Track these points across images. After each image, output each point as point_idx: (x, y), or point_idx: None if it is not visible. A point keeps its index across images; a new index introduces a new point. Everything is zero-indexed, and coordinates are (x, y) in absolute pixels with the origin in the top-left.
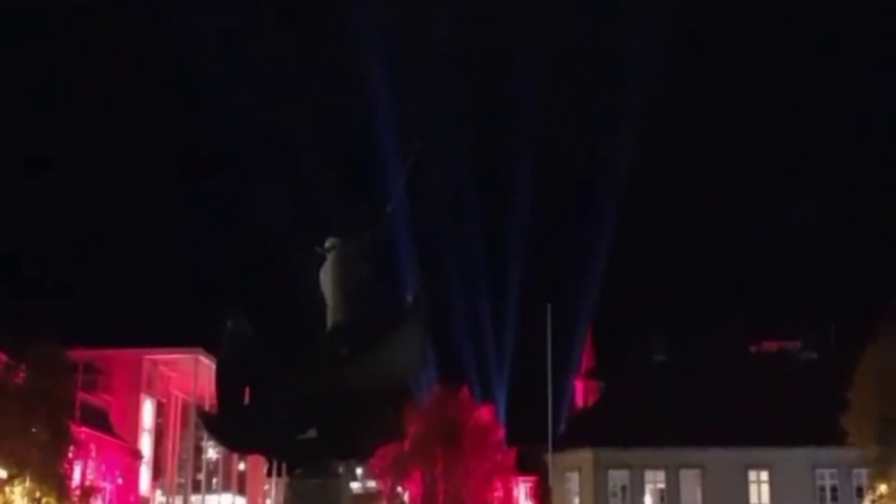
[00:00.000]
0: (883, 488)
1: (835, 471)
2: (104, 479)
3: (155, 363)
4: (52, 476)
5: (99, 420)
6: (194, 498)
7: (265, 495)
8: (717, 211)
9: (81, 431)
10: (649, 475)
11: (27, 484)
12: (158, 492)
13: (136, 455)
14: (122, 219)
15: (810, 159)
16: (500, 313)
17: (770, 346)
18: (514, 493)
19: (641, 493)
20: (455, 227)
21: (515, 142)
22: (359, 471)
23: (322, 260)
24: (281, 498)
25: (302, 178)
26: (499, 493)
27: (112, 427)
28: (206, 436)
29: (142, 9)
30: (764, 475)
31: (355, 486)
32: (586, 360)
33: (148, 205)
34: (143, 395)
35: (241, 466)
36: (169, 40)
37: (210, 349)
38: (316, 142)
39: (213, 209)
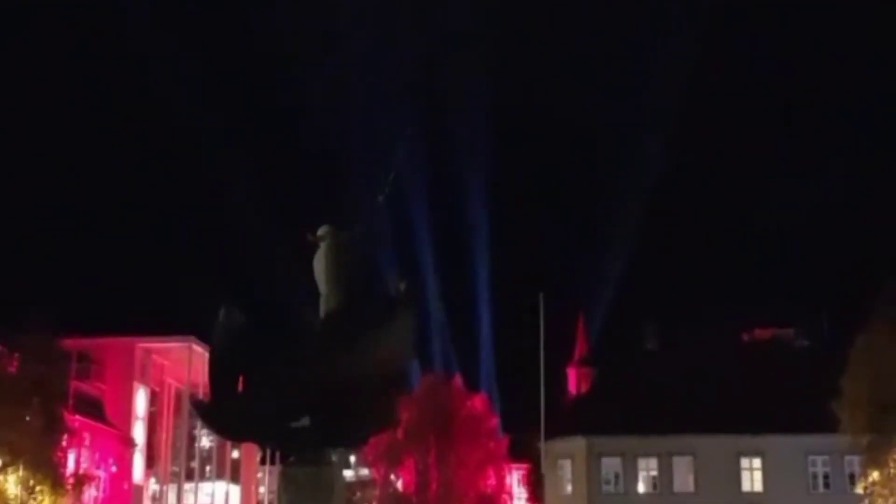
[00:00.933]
0: (875, 475)
1: (827, 458)
2: (98, 467)
3: (148, 351)
4: (45, 464)
5: (92, 408)
6: (188, 486)
7: (258, 483)
8: (710, 199)
9: (75, 420)
10: (642, 462)
11: (21, 472)
12: (152, 480)
13: (130, 443)
14: (116, 208)
15: (803, 149)
16: (494, 302)
17: (762, 333)
18: (507, 480)
19: (634, 480)
20: (447, 216)
21: (509, 132)
22: (352, 459)
23: (315, 248)
24: (274, 486)
25: (295, 169)
26: (491, 481)
27: (105, 415)
28: (199, 424)
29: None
30: (756, 462)
31: (348, 473)
32: (579, 348)
33: (141, 194)
34: (136, 384)
35: (235, 454)
36: (165, 32)
37: (203, 337)
38: (309, 132)
39: (206, 199)
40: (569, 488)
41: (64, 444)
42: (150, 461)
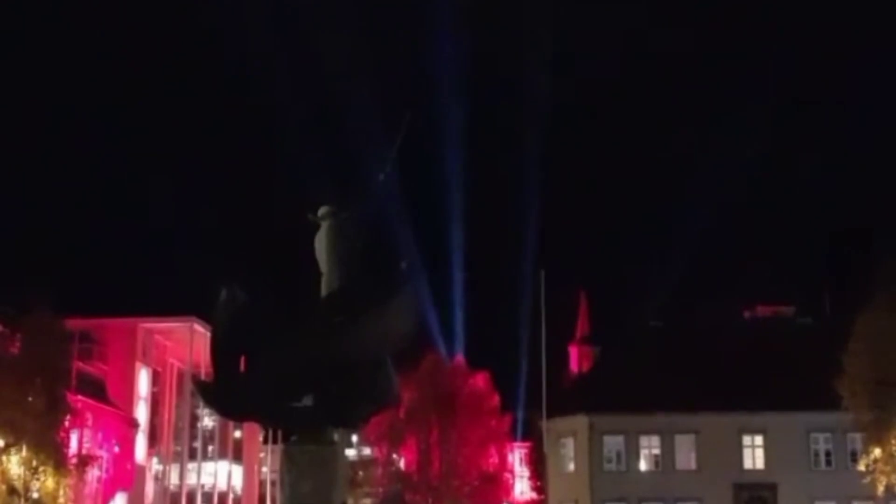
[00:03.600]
0: (877, 452)
1: (829, 435)
2: (100, 448)
3: (150, 332)
4: (48, 445)
5: (95, 389)
6: (190, 465)
7: (261, 463)
8: (712, 177)
9: (77, 400)
10: (644, 440)
11: (24, 453)
12: (155, 460)
13: (133, 423)
14: (117, 188)
15: (803, 128)
16: (496, 280)
17: (764, 310)
18: (510, 458)
19: (636, 458)
20: (449, 195)
21: (508, 109)
22: (354, 438)
23: (316, 228)
24: (277, 465)
25: (295, 148)
26: (494, 459)
27: (108, 396)
28: (201, 404)
29: None
30: (758, 440)
31: (351, 453)
32: (581, 326)
33: (143, 175)
34: (138, 364)
35: (237, 434)
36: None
37: (205, 317)
38: (309, 112)
39: (207, 179)
40: (571, 466)
41: (67, 424)
42: (153, 441)
